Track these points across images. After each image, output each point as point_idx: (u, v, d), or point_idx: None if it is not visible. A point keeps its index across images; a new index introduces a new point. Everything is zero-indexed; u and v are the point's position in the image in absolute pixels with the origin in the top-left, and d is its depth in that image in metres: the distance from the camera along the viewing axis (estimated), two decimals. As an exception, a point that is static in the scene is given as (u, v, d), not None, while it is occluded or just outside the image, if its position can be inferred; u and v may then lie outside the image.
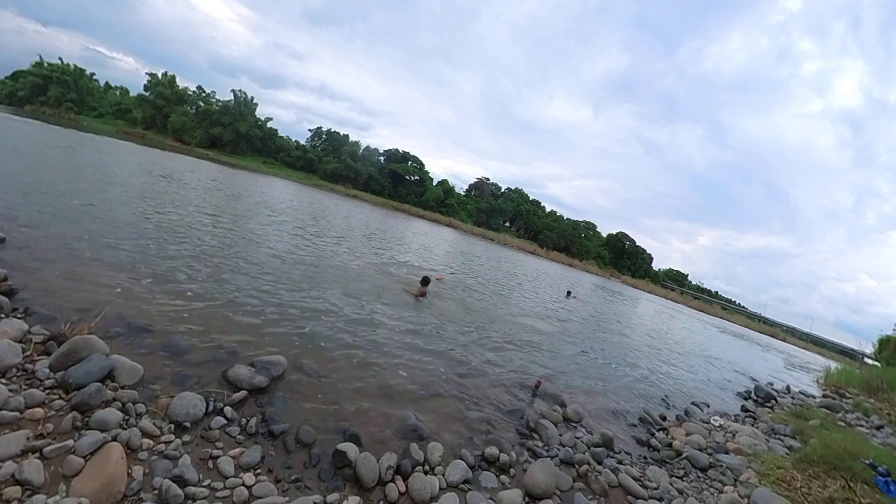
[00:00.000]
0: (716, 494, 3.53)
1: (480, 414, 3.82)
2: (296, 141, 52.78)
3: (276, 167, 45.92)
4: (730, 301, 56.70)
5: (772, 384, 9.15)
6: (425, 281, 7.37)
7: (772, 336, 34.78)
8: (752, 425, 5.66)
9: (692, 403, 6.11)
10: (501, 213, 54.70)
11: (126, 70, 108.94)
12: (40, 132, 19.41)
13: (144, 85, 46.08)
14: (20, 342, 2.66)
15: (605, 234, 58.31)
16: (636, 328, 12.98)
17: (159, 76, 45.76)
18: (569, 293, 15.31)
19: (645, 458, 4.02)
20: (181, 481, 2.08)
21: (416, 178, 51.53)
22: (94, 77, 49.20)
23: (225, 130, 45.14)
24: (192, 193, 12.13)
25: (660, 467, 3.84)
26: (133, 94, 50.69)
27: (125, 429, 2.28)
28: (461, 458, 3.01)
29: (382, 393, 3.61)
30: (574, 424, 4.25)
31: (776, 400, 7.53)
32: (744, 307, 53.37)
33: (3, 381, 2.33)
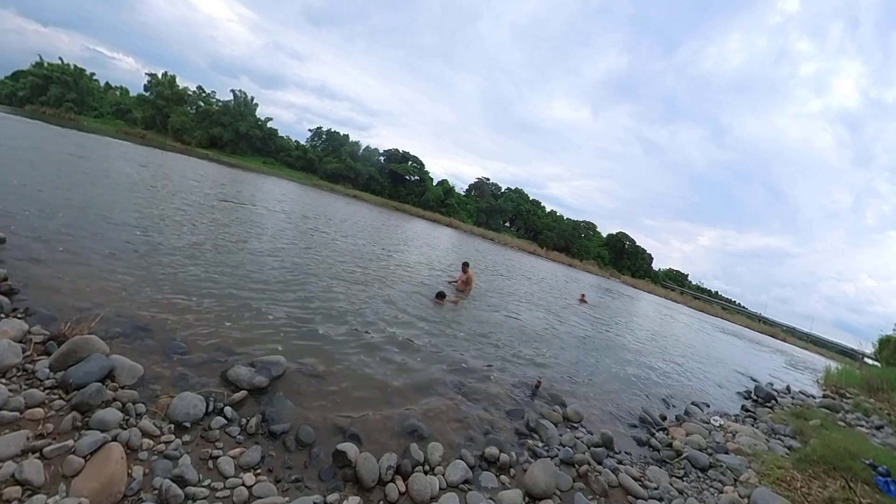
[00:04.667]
0: (716, 494, 3.53)
1: (480, 414, 3.82)
2: (296, 141, 52.83)
3: (276, 167, 45.91)
4: (730, 301, 56.71)
5: (772, 384, 9.14)
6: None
7: (772, 336, 34.75)
8: (752, 425, 5.66)
9: (692, 403, 6.10)
10: (501, 213, 54.70)
11: (126, 70, 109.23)
12: (40, 132, 19.40)
13: (144, 85, 46.14)
14: (20, 342, 2.66)
15: (605, 234, 58.33)
16: (636, 328, 12.97)
17: (159, 76, 45.77)
18: (583, 297, 14.43)
19: (645, 458, 4.01)
20: (181, 481, 2.08)
21: (416, 178, 51.51)
22: (95, 77, 49.18)
23: (225, 130, 45.14)
24: (194, 195, 12.13)
25: (660, 467, 3.84)
26: (133, 94, 50.76)
27: (125, 429, 2.27)
28: (461, 458, 3.01)
29: (383, 393, 3.61)
30: (574, 424, 4.25)
31: (776, 400, 7.52)
32: (744, 307, 53.35)
33: (3, 381, 2.33)
